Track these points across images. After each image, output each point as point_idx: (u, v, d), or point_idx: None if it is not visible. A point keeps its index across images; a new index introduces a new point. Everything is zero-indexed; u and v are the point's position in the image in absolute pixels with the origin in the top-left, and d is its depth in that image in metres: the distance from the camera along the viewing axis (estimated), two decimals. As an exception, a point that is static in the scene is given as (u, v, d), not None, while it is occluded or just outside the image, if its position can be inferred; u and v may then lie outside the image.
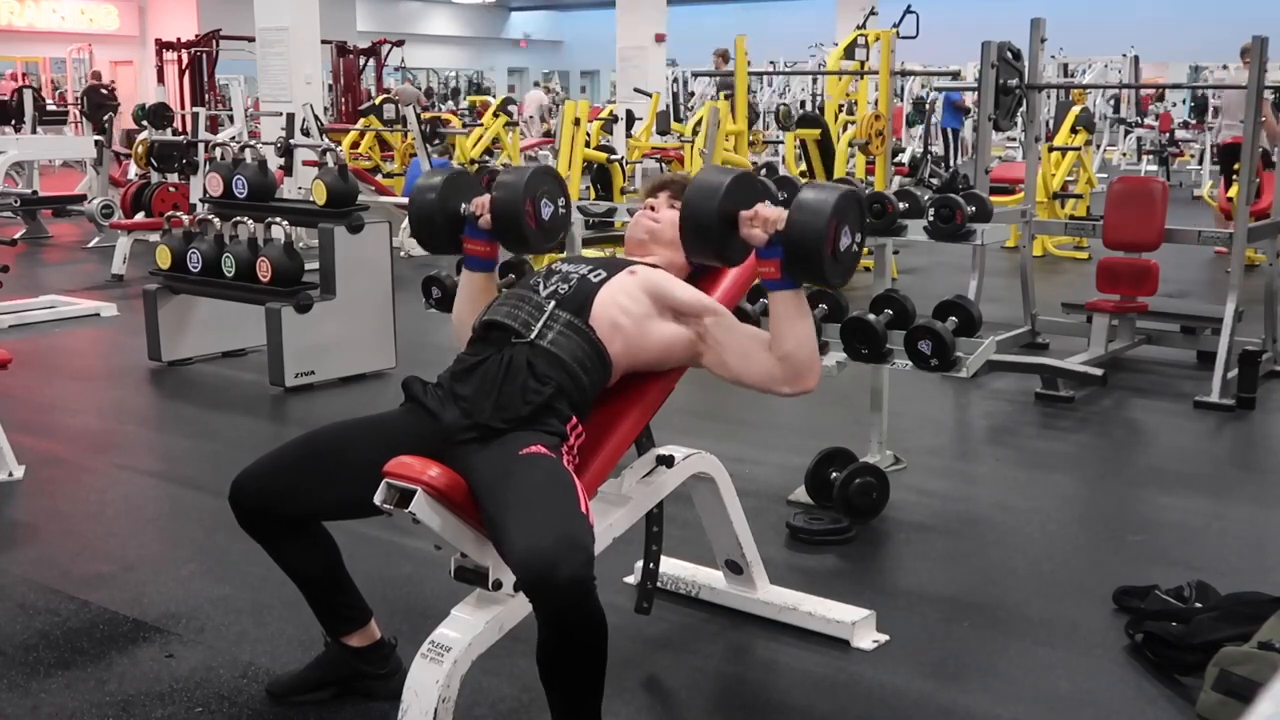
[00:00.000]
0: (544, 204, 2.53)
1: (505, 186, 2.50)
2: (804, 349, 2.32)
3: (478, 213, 2.52)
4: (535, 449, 2.15)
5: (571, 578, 1.90)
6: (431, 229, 2.58)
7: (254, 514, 2.32)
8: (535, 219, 2.51)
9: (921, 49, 10.49)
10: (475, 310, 2.54)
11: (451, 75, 29.11)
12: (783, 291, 2.29)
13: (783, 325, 2.31)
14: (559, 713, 2.10)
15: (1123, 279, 5.65)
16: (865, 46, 8.50)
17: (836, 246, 2.22)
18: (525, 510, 2.00)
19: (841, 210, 2.21)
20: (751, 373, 2.37)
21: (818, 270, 2.23)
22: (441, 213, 2.55)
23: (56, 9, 23.54)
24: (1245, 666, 2.40)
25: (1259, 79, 5.17)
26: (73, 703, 2.52)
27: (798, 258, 2.23)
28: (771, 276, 2.28)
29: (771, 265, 2.26)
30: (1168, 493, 3.99)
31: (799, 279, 2.28)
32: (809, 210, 2.20)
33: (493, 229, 2.52)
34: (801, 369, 2.33)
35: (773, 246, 2.24)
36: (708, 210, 2.27)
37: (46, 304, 7.01)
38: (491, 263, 2.61)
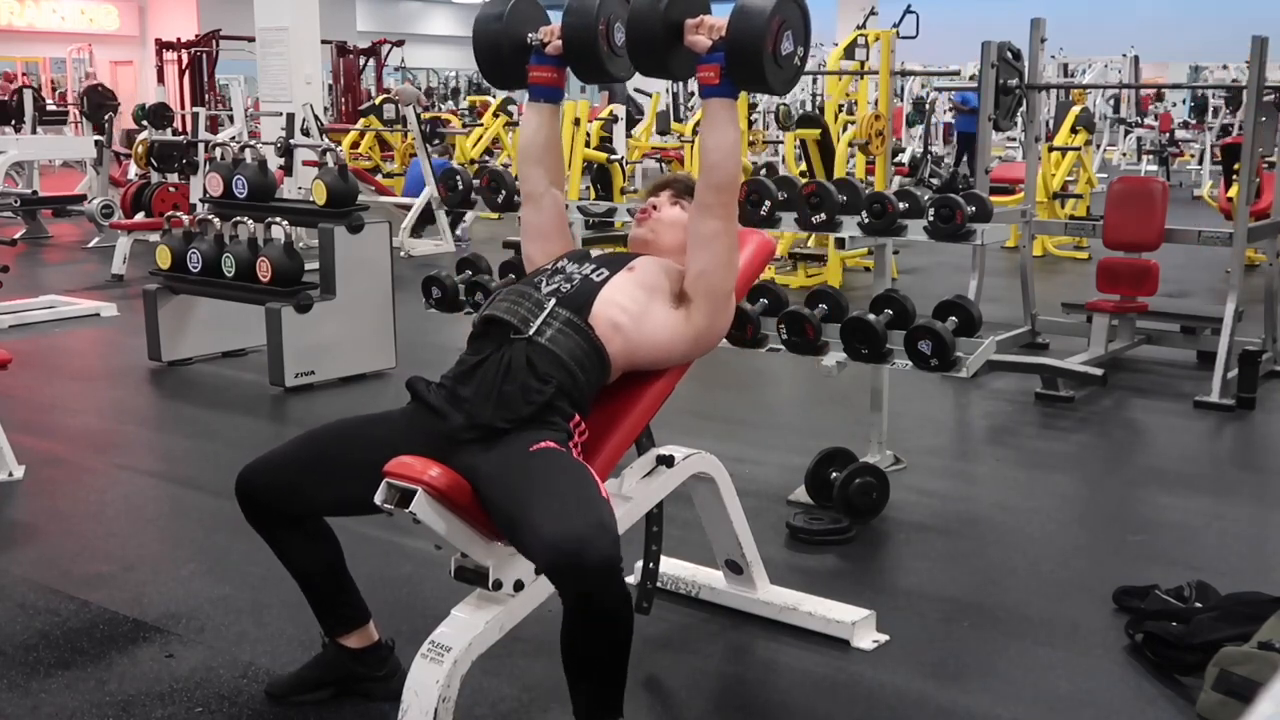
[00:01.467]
0: (617, 27, 2.47)
1: (576, 11, 2.44)
2: (730, 161, 2.37)
3: (546, 40, 2.51)
4: (546, 444, 2.16)
5: (603, 558, 1.92)
6: (496, 57, 2.54)
7: (259, 507, 2.33)
8: (609, 41, 2.47)
9: (921, 49, 10.49)
10: (539, 144, 2.61)
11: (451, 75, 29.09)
12: (719, 98, 2.33)
13: (713, 135, 2.36)
14: (584, 701, 2.10)
15: (1123, 279, 5.65)
16: (865, 46, 8.50)
17: (778, 49, 2.24)
18: (549, 499, 2.01)
19: (783, 10, 2.24)
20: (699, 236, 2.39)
21: (757, 70, 2.24)
22: (508, 40, 2.51)
23: (56, 9, 23.53)
24: (1245, 666, 2.40)
25: (1259, 79, 5.17)
26: (73, 703, 2.52)
27: (738, 58, 2.25)
28: (710, 82, 2.31)
29: (711, 69, 2.30)
30: (1168, 493, 3.99)
31: (739, 82, 2.32)
32: (751, 11, 2.23)
33: (563, 53, 2.50)
34: (726, 180, 2.38)
35: (715, 52, 2.28)
36: (652, 18, 2.29)
37: (46, 304, 7.01)
38: (559, 92, 2.60)
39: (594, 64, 2.47)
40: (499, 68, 2.57)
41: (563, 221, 2.67)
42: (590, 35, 2.43)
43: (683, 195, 2.65)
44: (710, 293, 2.41)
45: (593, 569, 1.91)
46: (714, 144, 2.36)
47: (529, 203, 2.68)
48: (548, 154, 2.65)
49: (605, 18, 2.44)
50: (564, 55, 2.51)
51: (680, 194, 2.65)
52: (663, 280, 2.44)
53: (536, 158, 2.64)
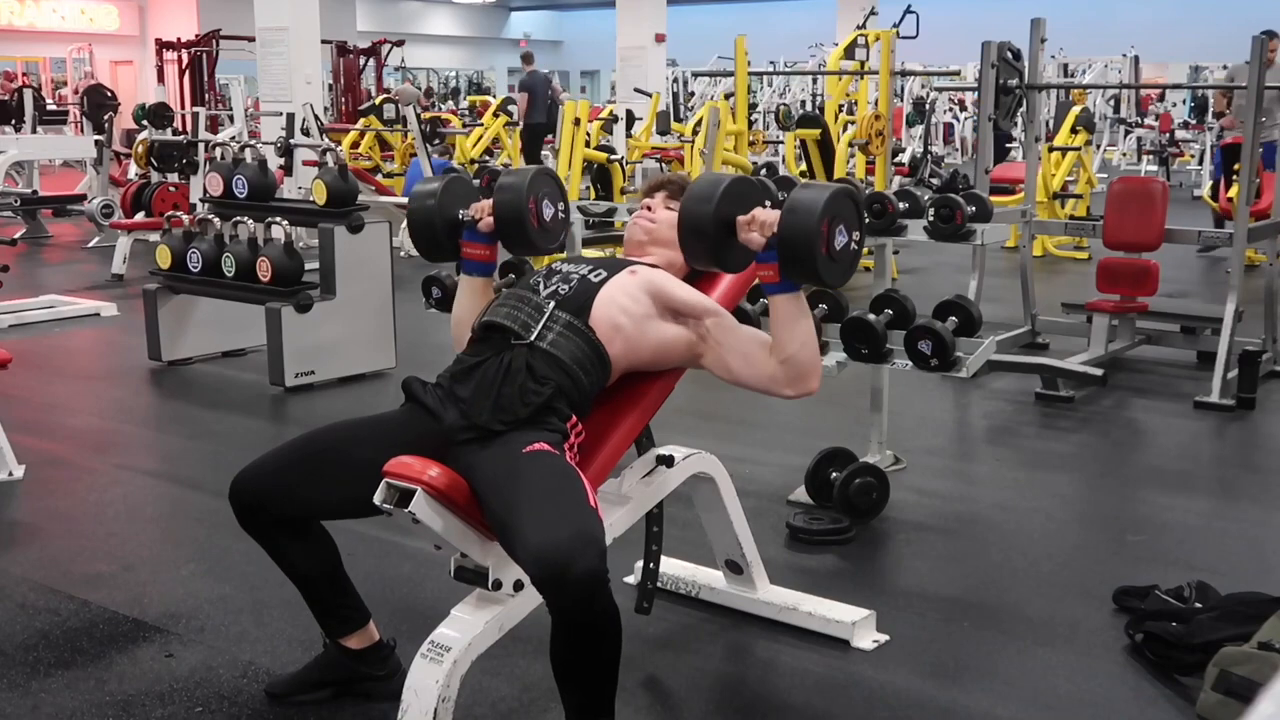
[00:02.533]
0: (545, 205, 2.54)
1: (507, 189, 2.50)
2: (806, 351, 2.32)
3: (477, 216, 2.53)
4: (539, 446, 2.16)
5: (587, 571, 1.91)
6: (432, 236, 2.57)
7: (254, 512, 2.32)
8: (538, 219, 2.52)
9: (921, 49, 10.49)
10: (475, 313, 2.55)
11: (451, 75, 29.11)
12: (782, 295, 2.29)
13: (783, 329, 2.31)
14: (574, 708, 2.10)
15: (1123, 279, 5.65)
16: (865, 46, 8.50)
17: (831, 246, 2.22)
18: (535, 507, 2.00)
19: (833, 209, 2.21)
20: (753, 375, 2.37)
21: (812, 271, 2.22)
22: (441, 219, 2.55)
23: (56, 9, 23.53)
24: (1245, 666, 2.40)
25: (1259, 79, 5.17)
26: (73, 702, 2.52)
27: (792, 259, 2.23)
28: (771, 280, 2.28)
29: (770, 269, 2.26)
30: (1168, 493, 3.99)
31: (796, 281, 2.28)
32: (800, 211, 2.20)
33: (495, 231, 2.53)
34: (804, 371, 2.33)
35: (770, 250, 2.24)
36: (704, 216, 2.28)
37: (46, 304, 7.01)
38: (491, 266, 2.61)
39: (523, 239, 2.52)
40: (434, 245, 2.60)
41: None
42: (520, 213, 2.49)
43: (677, 196, 2.64)
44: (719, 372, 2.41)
45: (576, 582, 1.91)
46: (787, 339, 2.31)
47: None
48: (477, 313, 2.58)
49: (534, 195, 2.50)
50: (495, 232, 2.53)
51: (675, 195, 2.65)
52: (664, 288, 2.43)
53: (468, 323, 2.56)
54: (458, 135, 11.99)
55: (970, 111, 16.03)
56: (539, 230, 2.53)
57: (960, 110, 17.00)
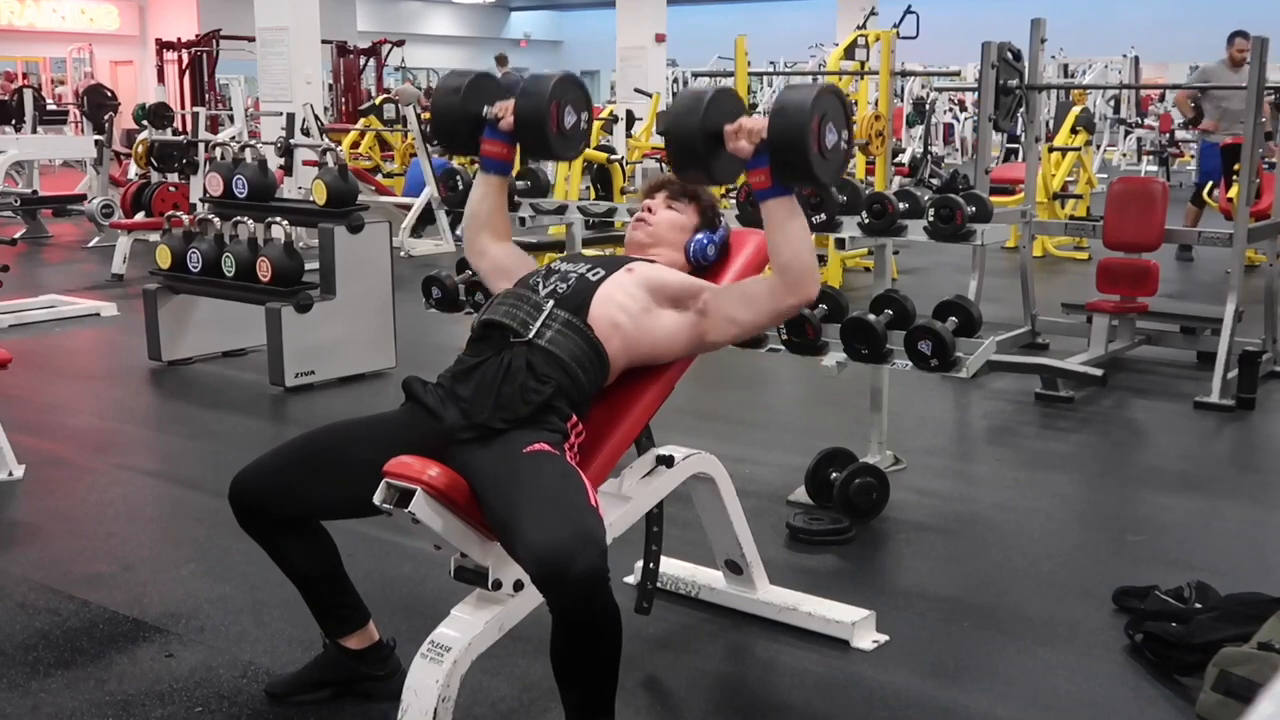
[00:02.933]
0: (568, 111, 2.54)
1: (531, 93, 2.51)
2: (802, 254, 2.33)
3: (500, 115, 2.55)
4: (539, 447, 2.16)
5: (587, 570, 1.91)
6: (453, 128, 2.61)
7: (253, 513, 2.32)
8: (557, 124, 2.53)
9: (921, 49, 10.49)
10: (487, 210, 2.66)
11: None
12: (774, 199, 2.30)
13: (778, 233, 2.33)
14: (574, 707, 2.10)
15: (1123, 279, 5.65)
16: (865, 47, 8.50)
17: (822, 144, 2.23)
18: (536, 506, 2.00)
19: (823, 106, 2.22)
20: (756, 306, 2.39)
21: (806, 170, 2.24)
22: (464, 113, 2.58)
23: (56, 9, 23.53)
24: (1245, 667, 2.40)
25: (1259, 79, 5.17)
26: (72, 702, 2.52)
27: (785, 160, 2.24)
28: (762, 185, 2.30)
29: (761, 174, 2.28)
30: (1168, 493, 3.99)
31: (788, 182, 2.30)
32: (790, 111, 2.21)
33: (514, 131, 2.55)
34: (802, 274, 2.34)
35: (759, 155, 2.26)
36: (690, 129, 2.29)
37: (46, 304, 7.01)
38: (508, 165, 2.65)
39: (542, 144, 2.54)
40: (453, 137, 2.64)
41: (519, 256, 2.69)
42: (541, 117, 2.50)
43: (678, 197, 2.65)
44: (731, 334, 2.43)
45: (576, 582, 1.91)
46: (782, 243, 2.32)
47: (480, 259, 2.71)
48: (494, 217, 2.70)
49: (557, 100, 2.51)
50: (514, 132, 2.56)
51: (675, 196, 2.66)
52: (662, 281, 2.45)
53: (482, 223, 2.69)
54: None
55: (970, 112, 16.03)
56: (558, 136, 2.54)
57: (960, 110, 17.00)
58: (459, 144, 2.66)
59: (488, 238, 2.69)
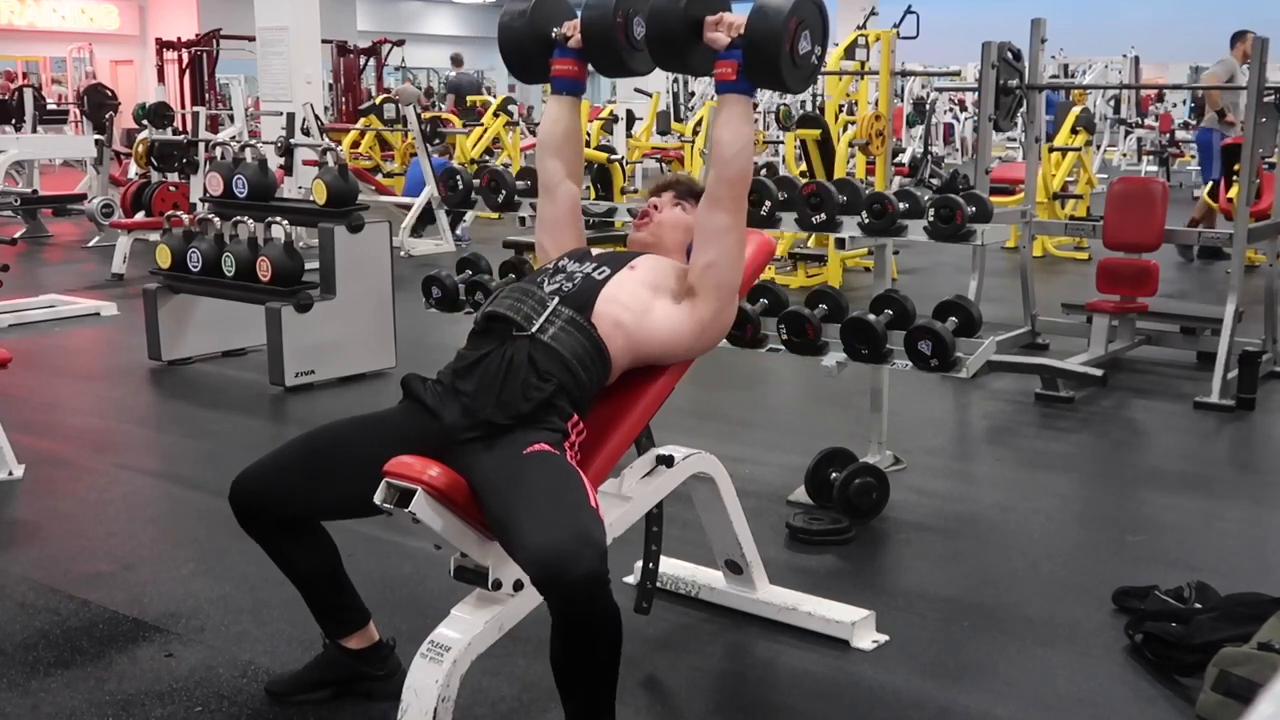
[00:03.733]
0: (636, 22, 2.52)
1: (595, 5, 2.50)
2: (743, 156, 2.39)
3: (569, 34, 2.55)
4: (540, 447, 2.16)
5: (586, 573, 1.91)
6: (522, 53, 2.60)
7: (254, 514, 2.32)
8: (626, 35, 2.51)
9: (921, 49, 10.48)
10: (558, 135, 2.65)
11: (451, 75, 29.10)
12: (736, 94, 2.36)
13: (727, 130, 2.38)
14: (574, 708, 2.10)
15: (1123, 279, 5.65)
16: (865, 47, 8.49)
17: (795, 49, 2.27)
18: (536, 508, 2.00)
19: (801, 12, 2.26)
20: (707, 232, 2.41)
21: (774, 70, 2.27)
22: (532, 35, 2.57)
23: (56, 9, 23.53)
24: (1245, 667, 2.40)
25: (1259, 79, 5.17)
26: (72, 702, 2.52)
27: (756, 57, 2.28)
28: (727, 78, 2.34)
29: (729, 66, 2.32)
30: (1168, 493, 3.99)
31: (756, 80, 2.35)
32: (769, 10, 2.25)
33: (583, 47, 2.54)
34: (738, 175, 2.39)
35: (733, 49, 2.30)
36: (672, 14, 2.33)
37: (46, 303, 7.01)
38: (581, 85, 2.63)
39: (613, 57, 2.52)
40: (523, 62, 2.63)
41: (576, 215, 2.68)
42: (609, 29, 2.48)
43: (684, 197, 2.65)
44: (718, 285, 2.42)
45: (576, 584, 1.90)
46: (729, 138, 2.38)
47: (544, 194, 2.70)
48: (566, 145, 2.68)
49: (624, 12, 2.49)
50: (584, 49, 2.55)
51: (682, 196, 2.66)
52: (665, 278, 2.45)
53: (555, 148, 2.67)
54: (458, 135, 11.99)
55: (970, 112, 16.03)
56: (628, 47, 2.52)
57: (960, 110, 17.00)
58: (529, 67, 2.62)
59: (559, 168, 2.66)
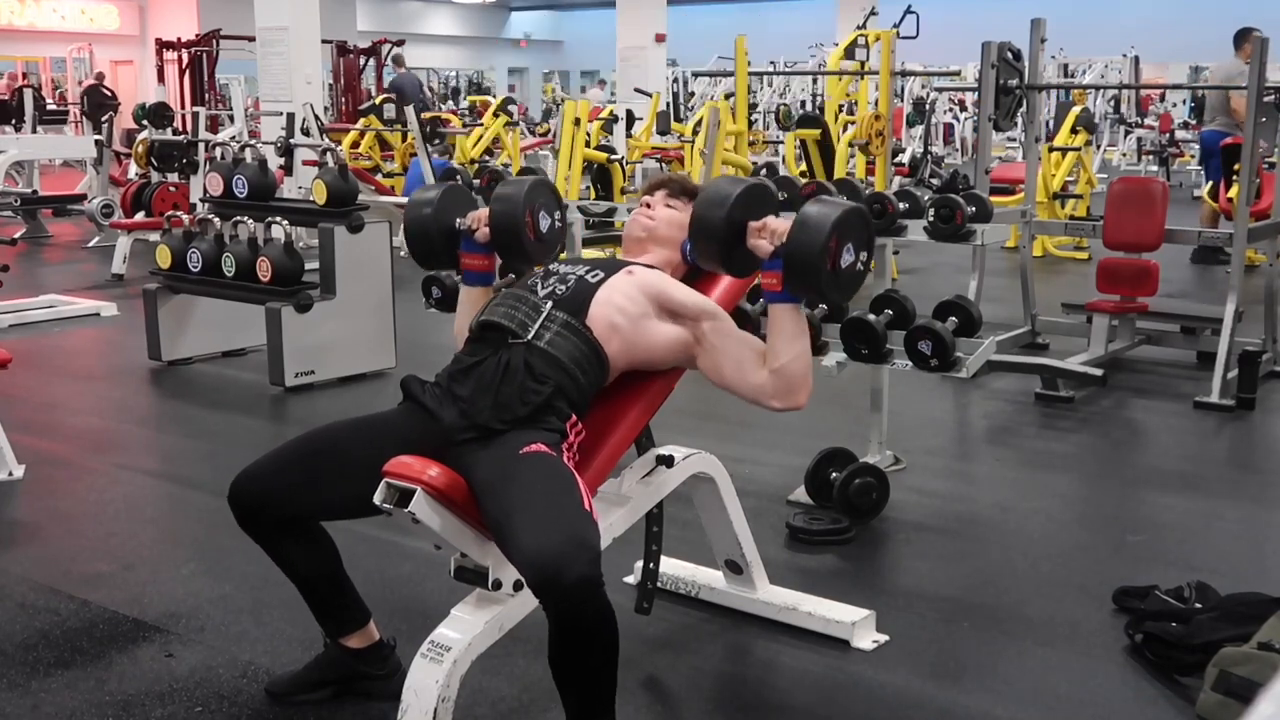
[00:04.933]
0: (542, 216, 2.54)
1: (504, 200, 2.49)
2: (798, 364, 2.33)
3: (474, 227, 2.53)
4: (536, 448, 2.16)
5: (580, 577, 1.91)
6: (428, 244, 2.57)
7: (254, 514, 2.32)
8: (534, 231, 2.52)
9: (921, 49, 10.49)
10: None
11: (451, 75, 29.10)
12: (782, 305, 2.31)
13: (779, 340, 2.33)
14: (574, 710, 2.11)
15: (1123, 279, 5.65)
16: (865, 47, 8.50)
17: (837, 264, 2.22)
18: (530, 511, 2.00)
19: (843, 227, 2.21)
20: (743, 383, 2.37)
21: (815, 286, 2.24)
22: (437, 228, 2.55)
23: (56, 9, 23.52)
24: (1245, 667, 2.40)
25: (1259, 79, 5.17)
26: (72, 702, 2.52)
27: (797, 272, 2.24)
28: (773, 289, 2.30)
29: (774, 277, 2.28)
30: (1168, 493, 3.99)
31: (798, 294, 2.30)
32: (810, 226, 2.21)
33: (491, 242, 2.53)
34: (794, 385, 2.34)
35: (776, 259, 2.26)
36: (716, 219, 2.29)
37: (46, 304, 7.01)
38: (490, 276, 2.62)
39: (519, 251, 2.52)
40: (430, 252, 2.60)
41: None
42: (517, 225, 2.48)
43: (677, 195, 2.65)
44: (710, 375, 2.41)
45: (570, 588, 1.91)
46: (781, 348, 2.33)
47: None
48: None
49: (530, 206, 2.50)
50: (491, 242, 2.54)
51: (674, 194, 2.66)
52: (662, 289, 2.43)
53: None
54: (458, 135, 11.99)
55: (970, 112, 16.02)
56: (535, 242, 2.53)
57: (960, 110, 16.99)
58: (437, 258, 2.61)
59: None
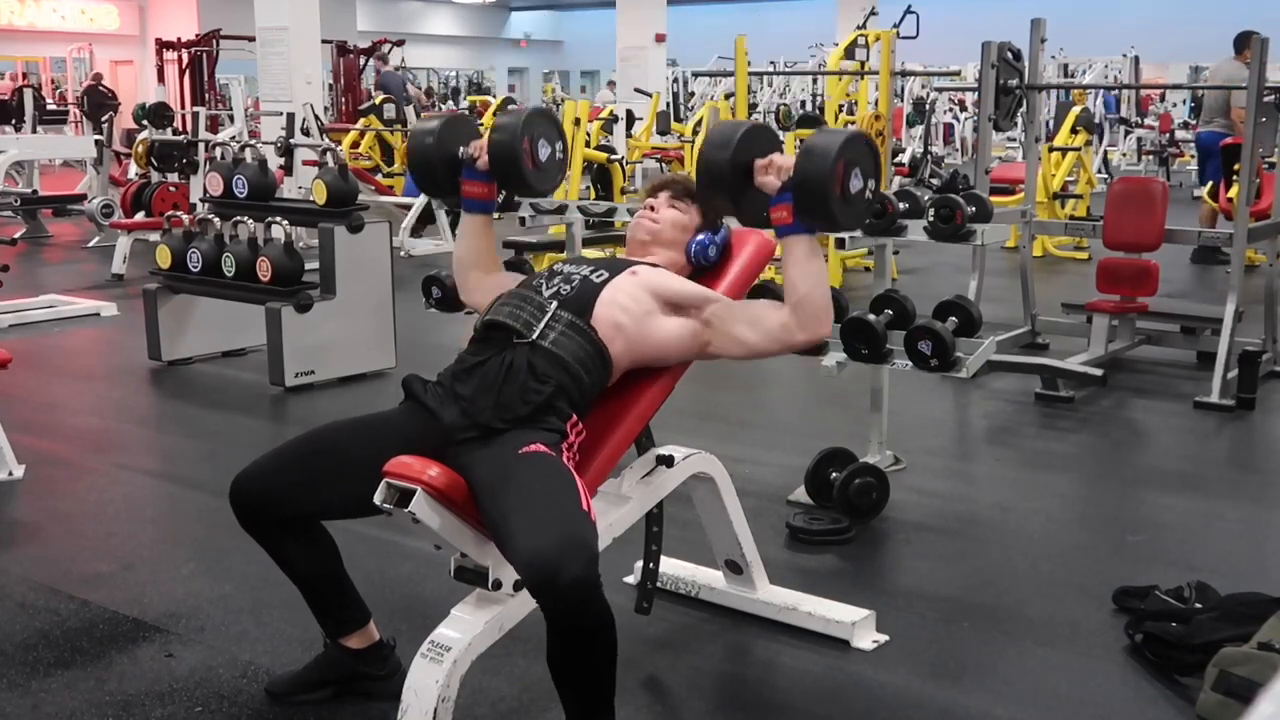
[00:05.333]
0: (541, 144, 2.58)
1: (502, 128, 2.54)
2: (818, 291, 2.37)
3: (475, 155, 2.57)
4: (535, 448, 2.16)
5: (577, 578, 1.91)
6: (430, 173, 2.63)
7: (254, 513, 2.32)
8: (533, 159, 2.56)
9: (921, 49, 10.49)
10: (475, 250, 2.67)
11: (451, 75, 29.10)
12: (795, 236, 2.36)
13: (796, 269, 2.37)
14: (573, 711, 2.11)
15: (1123, 279, 5.65)
16: (865, 47, 8.49)
17: (846, 189, 2.29)
18: (527, 511, 2.00)
19: (848, 152, 2.28)
20: (765, 333, 2.41)
21: (826, 212, 2.29)
22: (440, 156, 2.60)
23: (56, 9, 23.53)
24: (1245, 667, 2.40)
25: (1259, 79, 5.17)
26: (72, 702, 2.52)
27: (807, 200, 2.30)
28: (784, 222, 2.35)
29: (784, 209, 2.34)
30: (1168, 493, 3.99)
31: (810, 223, 2.35)
32: (816, 153, 2.27)
33: (490, 170, 2.57)
34: (817, 313, 2.38)
35: (784, 192, 2.32)
36: (722, 160, 2.35)
37: (46, 304, 7.01)
38: (491, 204, 2.66)
39: (518, 179, 2.57)
40: (433, 181, 2.66)
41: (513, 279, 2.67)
42: (515, 153, 2.52)
43: (680, 197, 2.66)
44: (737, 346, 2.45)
45: (566, 589, 1.91)
46: (798, 277, 2.37)
47: (472, 294, 2.71)
48: (484, 257, 2.71)
49: (529, 135, 2.54)
50: (491, 170, 2.58)
51: (678, 195, 2.66)
52: (665, 285, 2.45)
53: (472, 263, 2.71)
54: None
55: (970, 112, 16.02)
56: (534, 170, 2.57)
57: (960, 110, 16.99)
58: (439, 187, 2.67)
59: (478, 275, 2.71)
